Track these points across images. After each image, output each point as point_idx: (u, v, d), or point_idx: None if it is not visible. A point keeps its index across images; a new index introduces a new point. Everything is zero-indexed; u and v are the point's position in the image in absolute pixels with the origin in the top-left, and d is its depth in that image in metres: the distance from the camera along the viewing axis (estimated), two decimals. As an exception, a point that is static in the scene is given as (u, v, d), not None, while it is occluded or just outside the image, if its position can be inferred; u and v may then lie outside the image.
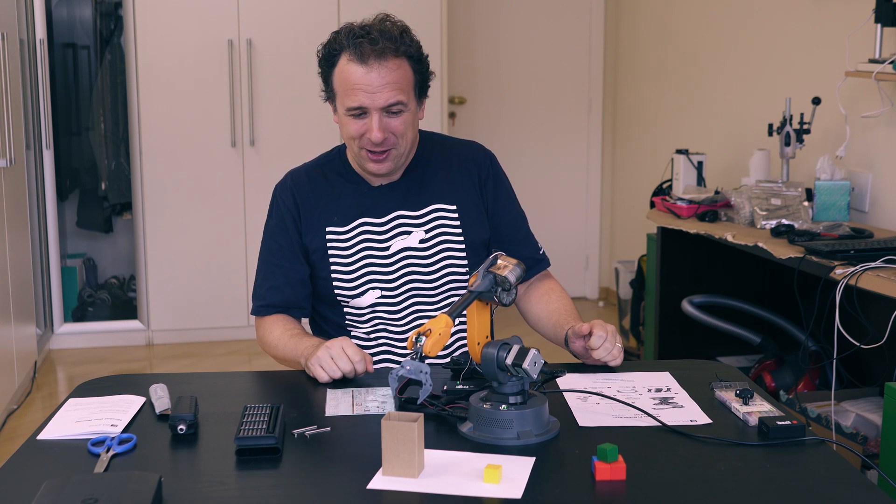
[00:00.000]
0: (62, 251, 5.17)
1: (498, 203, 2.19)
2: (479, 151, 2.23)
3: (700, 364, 2.05)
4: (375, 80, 1.98)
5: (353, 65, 1.99)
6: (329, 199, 2.14)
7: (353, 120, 2.03)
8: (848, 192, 3.41)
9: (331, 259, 2.12)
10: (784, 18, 3.94)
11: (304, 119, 4.92)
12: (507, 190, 2.22)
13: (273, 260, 2.15)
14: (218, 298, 5.00)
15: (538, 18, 5.62)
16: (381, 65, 1.98)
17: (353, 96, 2.00)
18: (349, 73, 2.00)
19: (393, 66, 1.99)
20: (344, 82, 2.01)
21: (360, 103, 1.99)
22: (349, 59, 2.00)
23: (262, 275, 2.18)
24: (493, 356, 1.63)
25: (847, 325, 2.77)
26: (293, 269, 2.13)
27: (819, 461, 1.57)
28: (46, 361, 4.78)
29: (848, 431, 2.79)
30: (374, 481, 1.48)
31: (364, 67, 1.98)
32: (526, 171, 5.57)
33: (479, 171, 2.19)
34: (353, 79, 1.99)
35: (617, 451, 1.48)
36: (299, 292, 2.15)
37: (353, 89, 1.99)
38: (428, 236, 2.13)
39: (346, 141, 2.10)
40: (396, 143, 2.05)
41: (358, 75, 1.98)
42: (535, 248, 2.23)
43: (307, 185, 2.16)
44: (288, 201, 2.15)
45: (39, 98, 4.74)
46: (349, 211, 2.13)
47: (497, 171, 2.22)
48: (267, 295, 2.15)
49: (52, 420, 1.75)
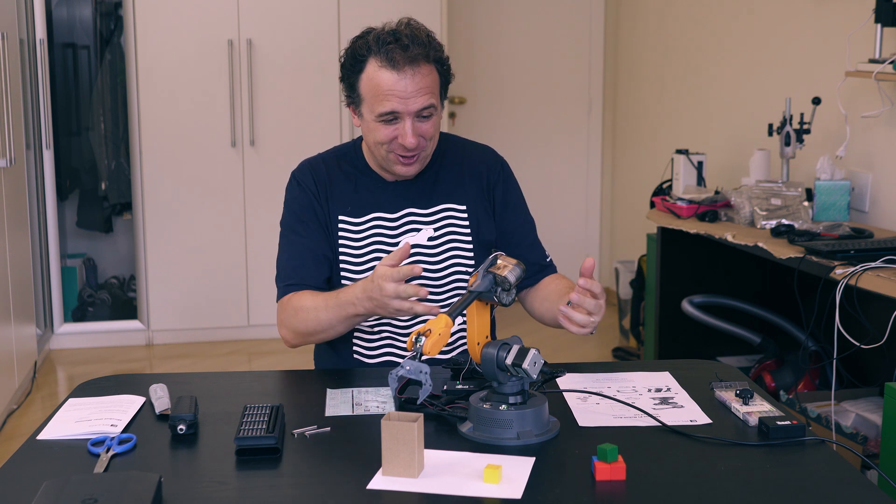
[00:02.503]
0: (62, 251, 5.17)
1: (507, 208, 2.20)
2: (491, 156, 2.24)
3: (700, 364, 2.05)
4: (410, 86, 1.98)
5: (386, 71, 1.98)
6: (344, 190, 2.15)
7: (383, 126, 2.02)
8: (848, 192, 3.41)
9: (340, 249, 2.12)
10: (784, 18, 3.94)
11: (304, 119, 4.93)
12: (516, 196, 2.23)
13: (299, 241, 2.12)
14: (218, 298, 5.00)
15: (538, 19, 5.63)
16: (415, 70, 1.98)
17: (386, 102, 1.98)
18: (381, 79, 1.98)
19: (425, 72, 2.00)
20: (375, 88, 1.99)
21: (394, 108, 1.98)
22: (380, 66, 1.98)
23: (286, 255, 2.14)
24: (493, 356, 1.63)
25: (847, 325, 2.77)
26: (321, 247, 2.11)
27: (819, 461, 1.57)
28: (46, 361, 4.78)
29: (848, 431, 2.79)
30: (374, 481, 1.48)
31: (397, 73, 1.97)
32: (526, 171, 5.56)
33: (490, 175, 2.20)
34: (385, 85, 1.98)
35: (617, 451, 1.48)
36: (327, 271, 2.12)
37: (387, 95, 1.98)
38: (437, 234, 2.14)
39: (372, 146, 2.07)
40: (425, 146, 2.06)
41: (391, 81, 1.97)
42: (541, 255, 2.23)
43: (324, 172, 2.16)
44: (309, 183, 2.14)
45: (39, 98, 4.74)
46: (363, 204, 2.14)
47: (507, 176, 2.23)
48: (294, 274, 2.10)
49: (52, 420, 1.75)
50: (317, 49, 4.90)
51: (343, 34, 4.85)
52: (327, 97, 4.92)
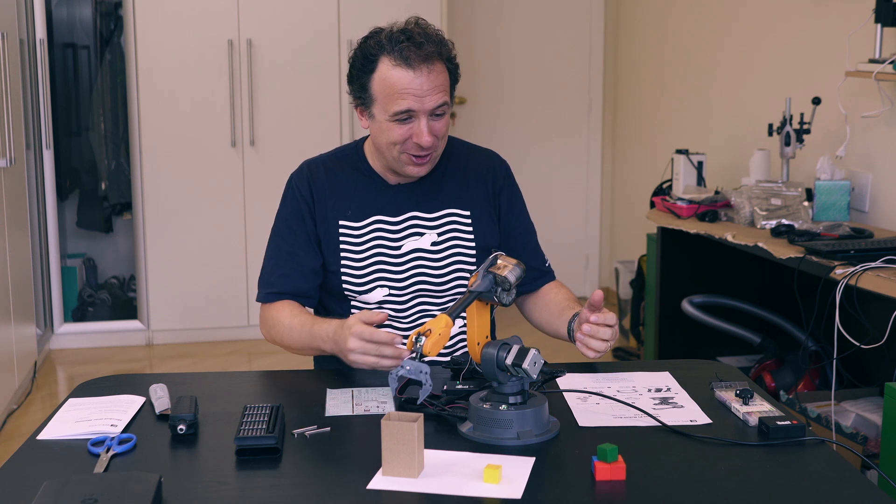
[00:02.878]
0: (62, 251, 5.17)
1: (512, 214, 2.20)
2: (496, 160, 2.24)
3: (700, 364, 2.05)
4: (425, 84, 1.97)
5: (400, 70, 1.96)
6: (344, 193, 2.14)
7: (397, 125, 2.00)
8: (848, 192, 3.41)
9: (342, 253, 2.12)
10: (784, 18, 3.94)
11: (304, 119, 4.93)
12: (520, 201, 2.23)
13: (286, 247, 2.13)
14: (218, 298, 5.00)
15: (538, 19, 5.63)
16: (430, 69, 1.97)
17: (402, 101, 1.97)
18: (396, 78, 1.97)
19: (439, 70, 1.99)
20: (389, 88, 1.98)
21: (409, 107, 1.97)
22: (394, 64, 1.97)
23: (272, 262, 2.15)
24: (493, 356, 1.63)
25: (847, 325, 2.76)
26: (306, 257, 2.12)
27: (819, 461, 1.57)
28: (46, 361, 4.78)
29: (848, 431, 2.79)
30: (373, 481, 1.48)
31: (412, 72, 1.96)
32: (526, 171, 5.56)
33: (495, 180, 2.19)
34: (400, 84, 1.97)
35: (617, 451, 1.48)
36: (311, 281, 2.13)
37: (402, 94, 1.97)
38: (440, 239, 2.13)
39: (384, 146, 2.05)
40: (438, 146, 2.05)
41: (406, 80, 1.96)
42: (541, 261, 2.23)
43: (324, 176, 2.15)
44: (304, 189, 2.14)
45: (39, 98, 4.74)
46: (364, 207, 2.13)
47: (512, 181, 2.23)
48: (277, 282, 2.13)
49: (52, 420, 1.75)
50: (317, 49, 4.90)
51: (343, 34, 4.85)
52: (327, 97, 4.92)
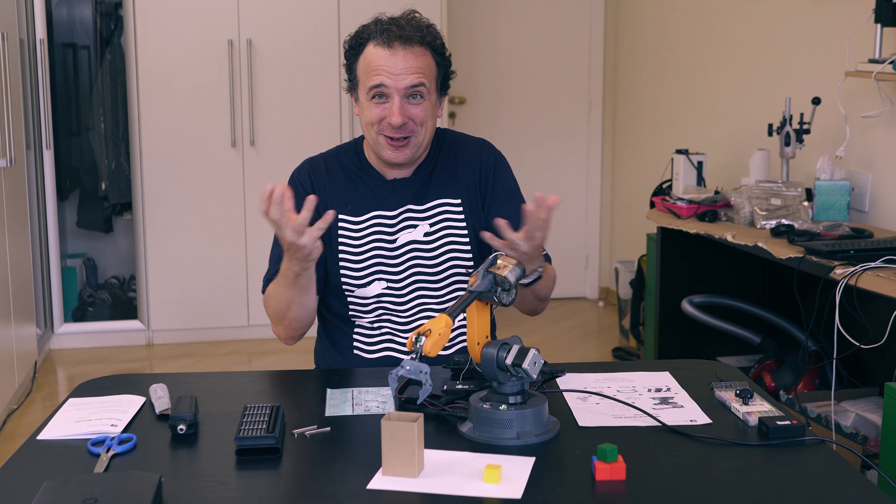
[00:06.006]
0: (62, 251, 5.17)
1: (495, 198, 2.19)
2: (486, 149, 2.24)
3: (700, 364, 2.05)
4: (399, 63, 2.03)
5: (379, 48, 2.04)
6: (344, 189, 2.16)
7: (373, 105, 2.06)
8: (848, 192, 3.41)
9: (340, 248, 2.13)
10: (784, 18, 3.94)
11: (304, 119, 4.93)
12: (509, 184, 2.21)
13: None
14: (218, 298, 5.00)
15: (538, 19, 5.63)
16: (406, 49, 2.03)
17: (375, 76, 2.03)
18: (374, 56, 2.05)
19: (418, 52, 2.05)
20: (368, 66, 2.06)
21: (382, 82, 2.03)
22: (375, 45, 2.05)
23: (275, 256, 2.14)
24: (493, 356, 1.63)
25: (847, 325, 2.77)
26: None
27: (819, 461, 1.56)
28: (46, 361, 4.78)
29: (848, 431, 2.79)
30: (373, 481, 1.48)
31: (389, 50, 2.03)
32: (526, 171, 5.55)
33: (483, 168, 2.20)
34: (377, 62, 2.04)
35: (617, 451, 1.48)
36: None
37: (377, 70, 2.04)
38: (433, 230, 2.14)
39: (364, 128, 2.12)
40: (415, 131, 2.07)
41: (383, 58, 2.03)
42: None
43: (324, 172, 2.18)
44: (305, 184, 2.17)
45: (39, 98, 4.74)
46: (363, 202, 2.15)
47: (500, 169, 2.21)
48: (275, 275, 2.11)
49: (52, 420, 1.75)
50: (317, 49, 4.90)
51: (343, 34, 4.83)
52: (327, 97, 4.92)
